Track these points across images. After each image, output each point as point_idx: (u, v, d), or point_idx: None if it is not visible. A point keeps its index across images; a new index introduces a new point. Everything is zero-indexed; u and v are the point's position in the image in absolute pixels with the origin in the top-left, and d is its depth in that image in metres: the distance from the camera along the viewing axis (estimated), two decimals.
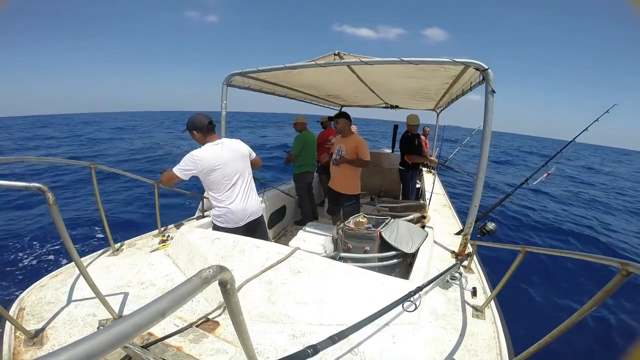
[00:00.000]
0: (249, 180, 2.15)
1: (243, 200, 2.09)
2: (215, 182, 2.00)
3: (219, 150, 1.98)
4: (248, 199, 2.13)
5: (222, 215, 2.07)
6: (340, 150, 2.99)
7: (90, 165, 1.74)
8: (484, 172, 1.87)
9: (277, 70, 2.29)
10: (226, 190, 2.03)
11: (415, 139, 4.31)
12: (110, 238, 1.85)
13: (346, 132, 3.02)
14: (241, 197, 2.08)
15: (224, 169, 1.98)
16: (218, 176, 1.98)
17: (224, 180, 2.00)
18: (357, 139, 2.97)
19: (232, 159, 2.02)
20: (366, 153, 2.89)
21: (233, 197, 2.05)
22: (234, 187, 2.05)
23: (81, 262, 1.17)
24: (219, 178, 1.99)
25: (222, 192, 2.03)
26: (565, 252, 1.08)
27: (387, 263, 2.01)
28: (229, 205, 2.04)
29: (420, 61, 1.78)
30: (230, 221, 2.08)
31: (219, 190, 2.02)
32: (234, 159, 2.03)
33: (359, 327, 0.96)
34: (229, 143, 2.06)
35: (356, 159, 2.90)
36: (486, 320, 1.40)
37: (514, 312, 3.58)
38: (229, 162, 2.00)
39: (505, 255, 4.42)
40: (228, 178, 2.01)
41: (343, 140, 3.04)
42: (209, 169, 1.93)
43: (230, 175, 2.02)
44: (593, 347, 3.15)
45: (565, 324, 0.82)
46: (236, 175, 2.05)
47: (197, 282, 0.48)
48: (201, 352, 1.13)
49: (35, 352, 1.09)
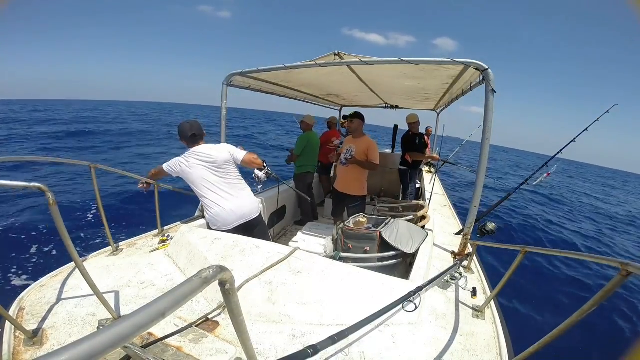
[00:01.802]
0: (233, 183, 2.15)
1: (229, 202, 2.10)
2: (195, 187, 2.11)
3: (192, 157, 2.08)
4: (235, 201, 2.13)
5: (211, 219, 2.12)
6: (350, 150, 2.94)
7: (90, 165, 1.74)
8: (484, 172, 1.87)
9: (277, 70, 2.29)
10: (206, 195, 2.09)
11: (416, 138, 4.31)
12: (110, 238, 1.85)
13: (358, 133, 2.99)
14: (226, 200, 2.10)
15: (193, 176, 2.07)
16: (194, 182, 2.09)
17: (201, 186, 2.09)
18: (369, 141, 2.92)
19: (200, 166, 2.08)
20: (376, 156, 2.86)
21: (217, 201, 2.09)
22: (213, 193, 2.09)
23: (81, 262, 1.17)
24: (196, 183, 2.09)
25: (205, 197, 2.10)
26: (565, 252, 1.08)
27: (387, 263, 2.00)
28: (215, 209, 2.08)
29: (420, 61, 1.78)
30: (220, 224, 2.11)
31: (202, 195, 2.11)
32: (203, 166, 2.08)
33: (359, 327, 0.96)
34: (205, 149, 2.10)
35: (366, 161, 2.86)
36: (486, 320, 1.40)
37: (514, 312, 3.59)
38: (198, 169, 2.07)
39: (505, 256, 4.43)
40: (202, 184, 2.08)
41: (354, 140, 3.00)
42: (183, 174, 2.08)
43: (200, 182, 2.08)
44: (593, 347, 3.16)
45: (565, 324, 0.82)
46: (208, 182, 2.09)
47: (197, 282, 0.48)
48: (201, 352, 1.13)
49: (35, 352, 1.09)
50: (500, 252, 4.55)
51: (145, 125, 22.44)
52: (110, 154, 11.29)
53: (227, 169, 2.13)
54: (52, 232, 4.50)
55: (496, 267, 4.22)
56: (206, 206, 2.12)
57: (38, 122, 19.46)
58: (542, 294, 4.05)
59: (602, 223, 9.03)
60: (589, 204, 12.44)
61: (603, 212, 11.01)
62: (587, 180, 29.82)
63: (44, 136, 13.78)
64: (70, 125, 18.11)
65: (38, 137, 13.41)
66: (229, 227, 2.11)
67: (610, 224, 9.20)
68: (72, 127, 17.14)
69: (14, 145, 11.65)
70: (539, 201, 9.52)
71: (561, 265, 4.82)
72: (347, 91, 3.80)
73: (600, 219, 9.62)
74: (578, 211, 10.15)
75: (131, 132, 17.06)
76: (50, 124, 19.16)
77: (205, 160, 2.08)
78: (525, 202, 8.88)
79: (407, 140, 4.36)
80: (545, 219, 7.75)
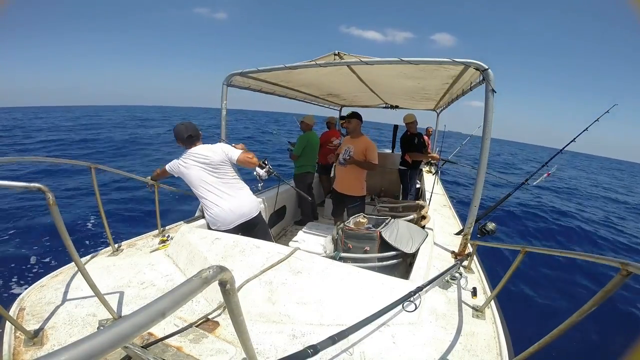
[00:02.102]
0: (230, 183, 2.16)
1: (227, 202, 2.11)
2: (194, 188, 2.14)
3: (189, 158, 2.10)
4: (234, 201, 2.13)
5: (210, 220, 2.14)
6: (349, 150, 2.93)
7: (89, 166, 1.74)
8: (484, 172, 1.87)
9: (277, 70, 2.29)
10: (205, 196, 2.11)
11: (415, 138, 4.31)
12: (110, 238, 1.85)
13: (356, 133, 2.98)
14: (224, 200, 2.11)
15: (191, 177, 2.10)
16: (192, 183, 2.12)
17: (199, 186, 2.11)
18: (367, 141, 2.91)
19: (197, 167, 2.09)
20: (375, 156, 2.85)
21: (215, 201, 2.10)
22: (211, 193, 2.10)
23: (81, 262, 1.17)
24: (194, 184, 2.12)
25: (203, 197, 2.12)
26: (565, 252, 1.08)
27: (387, 263, 2.00)
28: (214, 209, 2.10)
29: (420, 61, 1.78)
30: (219, 224, 2.12)
31: (200, 196, 2.13)
32: (199, 167, 2.09)
33: (359, 327, 0.96)
34: (201, 150, 2.11)
35: (364, 161, 2.85)
36: (486, 320, 1.40)
37: (514, 312, 3.58)
38: (195, 170, 2.09)
39: (505, 256, 4.43)
40: (200, 185, 2.11)
41: (352, 140, 2.98)
42: (182, 175, 2.12)
43: (198, 183, 2.10)
44: (593, 346, 3.15)
45: (565, 324, 0.82)
46: (205, 183, 2.10)
47: (197, 282, 0.48)
48: (201, 352, 1.13)
49: (35, 352, 1.09)
50: (501, 252, 4.56)
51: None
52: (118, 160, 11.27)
53: (224, 169, 2.13)
54: (52, 232, 4.50)
55: (496, 267, 4.22)
56: (205, 207, 2.13)
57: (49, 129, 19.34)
58: (542, 294, 4.05)
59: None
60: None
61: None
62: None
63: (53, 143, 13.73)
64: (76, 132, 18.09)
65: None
66: (229, 226, 2.12)
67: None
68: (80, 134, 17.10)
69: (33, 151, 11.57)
70: (539, 201, 9.52)
71: (561, 265, 4.82)
72: (347, 91, 3.80)
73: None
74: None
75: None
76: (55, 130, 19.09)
77: (201, 162, 2.08)
78: (524, 202, 8.87)
79: (405, 141, 4.36)
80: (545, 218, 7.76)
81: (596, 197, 12.35)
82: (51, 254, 4.08)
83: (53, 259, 3.97)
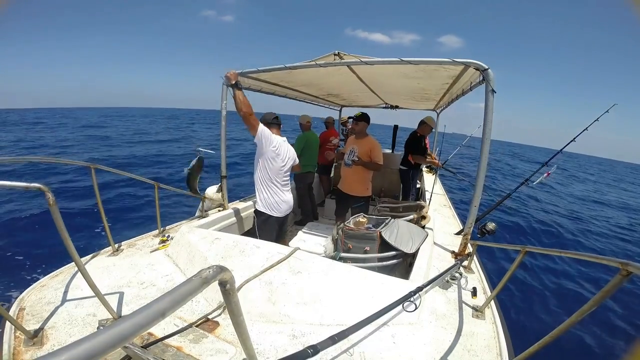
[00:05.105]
0: (289, 180, 2.52)
1: (286, 194, 2.43)
2: (274, 170, 2.31)
3: (283, 142, 2.37)
4: (289, 194, 2.48)
5: (273, 204, 2.35)
6: (354, 151, 2.92)
7: (90, 166, 1.74)
8: (484, 173, 1.87)
9: (277, 70, 2.29)
10: (282, 181, 2.37)
11: (422, 140, 4.28)
12: (110, 238, 1.85)
13: (362, 134, 2.98)
14: (287, 191, 2.44)
15: (283, 160, 2.34)
16: (278, 164, 2.31)
17: (277, 170, 2.32)
18: (372, 142, 2.91)
19: (288, 155, 2.39)
20: (380, 156, 2.86)
21: (282, 189, 2.37)
22: (282, 181, 2.38)
23: (81, 262, 1.17)
24: (278, 167, 2.32)
25: (279, 182, 2.34)
26: (565, 252, 1.08)
27: (387, 263, 2.00)
28: (281, 195, 2.36)
29: (420, 61, 1.78)
30: (280, 211, 2.38)
31: (277, 179, 2.33)
32: (289, 156, 2.42)
33: (359, 327, 0.96)
34: (288, 144, 2.46)
35: (370, 162, 2.85)
36: (486, 320, 1.40)
37: (514, 312, 3.59)
38: (286, 157, 2.37)
39: (505, 256, 4.43)
40: (283, 171, 2.37)
41: (357, 141, 2.98)
42: (274, 151, 2.26)
43: (285, 169, 2.38)
44: (593, 346, 3.15)
45: (565, 324, 0.82)
46: (283, 171, 2.38)
47: (197, 282, 0.48)
48: (201, 352, 1.13)
49: (35, 352, 1.09)
50: (501, 252, 4.56)
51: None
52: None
53: (290, 167, 2.48)
54: (52, 232, 4.50)
55: (496, 267, 4.22)
56: (271, 191, 2.33)
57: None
58: (542, 294, 4.05)
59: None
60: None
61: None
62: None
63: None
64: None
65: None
66: (283, 214, 2.44)
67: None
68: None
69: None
70: (539, 201, 9.53)
71: (561, 264, 4.82)
72: (347, 91, 3.80)
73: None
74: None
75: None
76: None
77: (287, 153, 2.40)
78: (525, 202, 8.87)
79: (413, 142, 4.24)
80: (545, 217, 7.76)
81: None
82: (51, 253, 4.07)
83: (53, 259, 3.96)
